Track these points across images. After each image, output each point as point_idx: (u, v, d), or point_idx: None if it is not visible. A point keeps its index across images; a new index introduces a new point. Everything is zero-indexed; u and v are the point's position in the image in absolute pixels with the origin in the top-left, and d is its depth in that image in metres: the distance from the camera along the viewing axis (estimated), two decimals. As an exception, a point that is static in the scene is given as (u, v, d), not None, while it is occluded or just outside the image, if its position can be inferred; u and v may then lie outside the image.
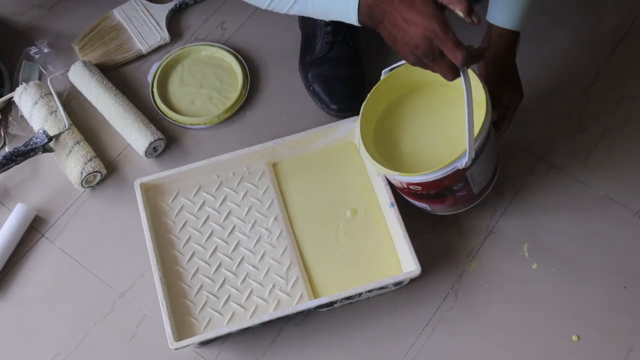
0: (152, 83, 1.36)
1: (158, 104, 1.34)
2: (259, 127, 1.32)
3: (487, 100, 1.03)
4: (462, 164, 1.01)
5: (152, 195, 1.21)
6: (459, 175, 1.05)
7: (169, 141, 1.30)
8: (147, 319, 1.15)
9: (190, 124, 1.32)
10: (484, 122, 1.02)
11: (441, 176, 1.03)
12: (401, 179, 1.06)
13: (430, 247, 1.19)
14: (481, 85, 1.03)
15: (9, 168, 1.23)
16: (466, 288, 1.16)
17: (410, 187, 1.08)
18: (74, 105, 1.35)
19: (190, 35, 1.42)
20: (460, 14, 0.87)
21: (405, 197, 1.15)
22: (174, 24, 1.43)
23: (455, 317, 1.14)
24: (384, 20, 0.91)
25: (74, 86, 1.35)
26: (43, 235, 1.24)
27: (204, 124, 1.32)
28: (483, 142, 1.03)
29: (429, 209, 1.17)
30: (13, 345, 1.15)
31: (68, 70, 1.34)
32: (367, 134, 1.11)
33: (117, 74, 1.38)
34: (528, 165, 1.26)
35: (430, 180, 1.04)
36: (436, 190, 1.08)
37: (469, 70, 1.00)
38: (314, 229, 1.19)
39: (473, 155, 1.00)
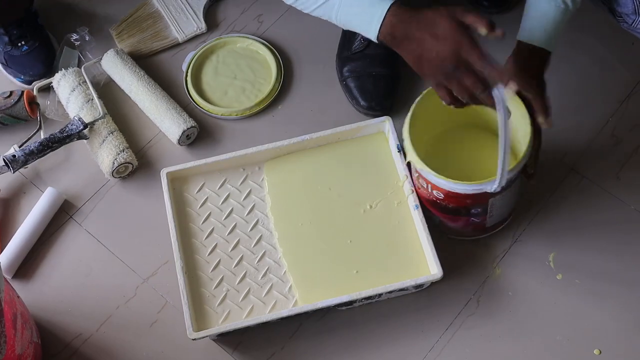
0: (187, 72, 1.36)
1: (191, 93, 1.34)
2: (290, 121, 1.32)
3: (531, 132, 1.01)
4: (492, 188, 1.01)
5: (178, 185, 1.22)
6: (483, 199, 1.05)
7: (200, 131, 1.31)
8: (168, 306, 1.16)
9: (222, 115, 1.32)
10: (524, 154, 1.01)
11: (466, 192, 1.03)
12: (431, 177, 1.05)
13: (455, 252, 1.18)
14: (527, 115, 1.01)
15: (45, 154, 1.24)
16: (489, 295, 1.16)
17: (434, 192, 1.08)
18: (110, 93, 1.35)
19: (226, 26, 1.43)
20: (484, 30, 0.90)
21: (425, 204, 1.15)
22: (211, 14, 1.44)
23: (476, 323, 1.14)
24: (405, 40, 0.95)
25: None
26: (71, 217, 1.25)
27: (236, 115, 1.32)
28: (518, 175, 1.03)
29: (437, 221, 1.16)
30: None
31: (101, 58, 1.35)
32: (414, 132, 1.07)
33: (152, 62, 1.39)
34: (559, 175, 1.25)
35: (455, 191, 1.03)
36: (455, 205, 1.08)
37: (516, 99, 0.99)
38: (339, 226, 1.19)
39: (504, 183, 0.99)
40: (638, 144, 1.27)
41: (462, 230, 1.17)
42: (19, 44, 1.35)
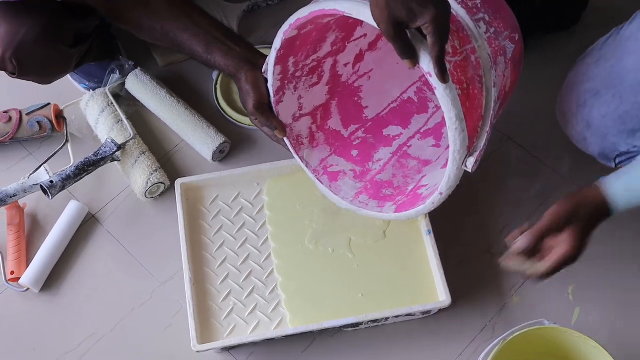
0: (217, 80, 1.37)
1: (220, 102, 1.35)
2: (316, 135, 1.32)
3: None
4: None
5: (192, 196, 1.22)
6: None
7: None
8: (183, 311, 1.16)
9: (248, 124, 1.33)
10: None
11: None
12: None
13: (474, 277, 1.17)
14: None
15: (81, 178, 1.22)
16: (505, 322, 1.15)
17: None
18: (136, 111, 1.36)
19: (259, 36, 1.43)
20: None
21: None
22: (245, 25, 1.45)
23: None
24: None
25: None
26: (93, 216, 1.26)
27: (263, 126, 1.33)
28: None
29: None
30: (53, 321, 1.18)
31: (124, 81, 1.35)
32: None
33: (182, 68, 1.40)
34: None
35: None
36: None
37: None
38: (352, 246, 1.18)
39: None
40: None
41: None
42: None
